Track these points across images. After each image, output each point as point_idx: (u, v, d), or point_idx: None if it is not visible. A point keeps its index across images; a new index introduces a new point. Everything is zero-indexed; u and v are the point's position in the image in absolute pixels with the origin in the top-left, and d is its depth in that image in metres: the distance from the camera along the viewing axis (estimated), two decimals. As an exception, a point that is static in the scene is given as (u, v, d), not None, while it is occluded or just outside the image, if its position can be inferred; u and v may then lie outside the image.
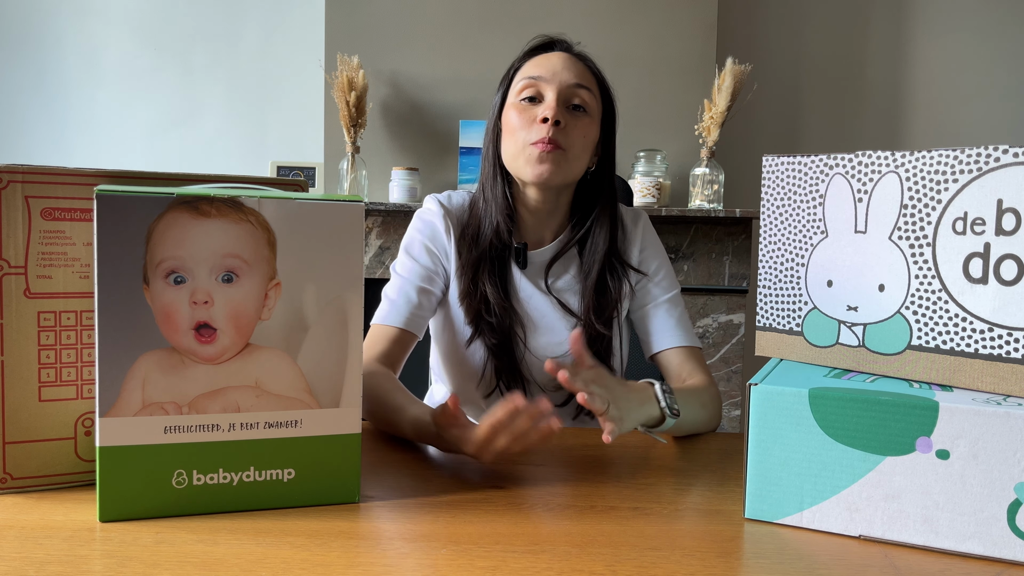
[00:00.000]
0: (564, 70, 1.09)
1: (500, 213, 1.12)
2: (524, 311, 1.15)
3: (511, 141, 1.10)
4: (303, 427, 0.70)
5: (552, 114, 1.05)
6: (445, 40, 2.59)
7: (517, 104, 1.10)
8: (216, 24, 2.88)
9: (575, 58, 1.12)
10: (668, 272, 1.20)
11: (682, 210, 2.37)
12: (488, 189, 1.14)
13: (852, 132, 2.89)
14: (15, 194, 0.70)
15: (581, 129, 1.08)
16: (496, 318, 1.11)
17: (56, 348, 0.72)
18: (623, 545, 0.65)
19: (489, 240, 1.12)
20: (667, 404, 0.91)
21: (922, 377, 0.71)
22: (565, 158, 1.07)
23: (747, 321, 2.50)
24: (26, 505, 0.69)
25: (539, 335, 1.15)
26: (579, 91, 1.09)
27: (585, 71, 1.11)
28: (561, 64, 1.09)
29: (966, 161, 0.67)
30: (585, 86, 1.09)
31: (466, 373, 1.16)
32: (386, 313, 1.11)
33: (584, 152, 1.10)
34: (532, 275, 1.16)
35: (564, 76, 1.08)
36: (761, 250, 0.82)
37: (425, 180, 2.59)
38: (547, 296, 1.15)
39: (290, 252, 0.68)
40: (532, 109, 1.08)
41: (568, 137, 1.07)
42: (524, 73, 1.11)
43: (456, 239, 1.14)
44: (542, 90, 1.09)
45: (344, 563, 0.60)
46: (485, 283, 1.11)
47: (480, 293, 1.11)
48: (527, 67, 1.12)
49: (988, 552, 0.63)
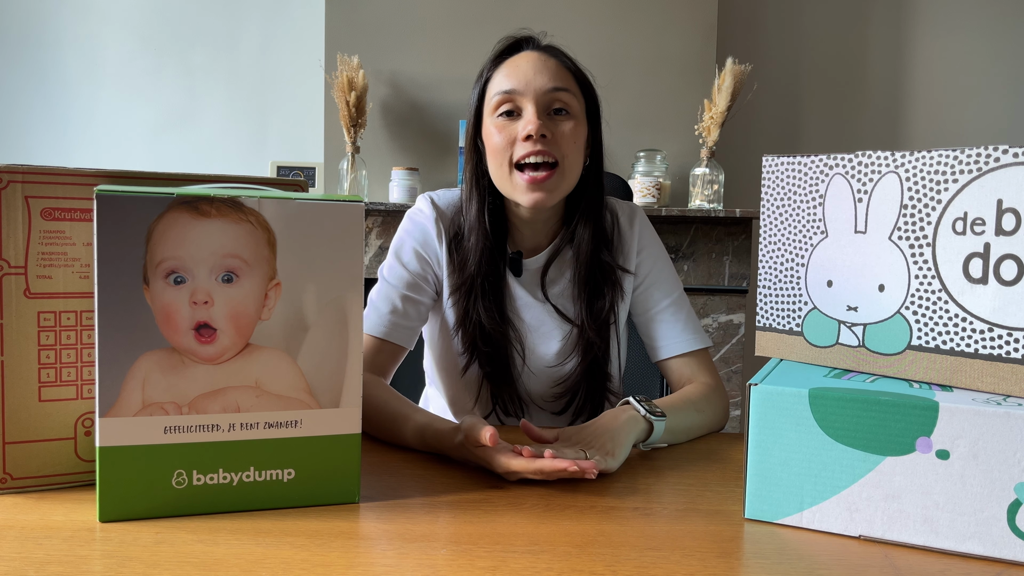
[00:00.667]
0: (537, 75, 1.03)
1: (483, 240, 1.08)
2: (520, 321, 1.12)
3: (496, 162, 1.05)
4: (303, 427, 0.70)
5: (534, 129, 1.00)
6: (445, 40, 2.59)
7: (495, 122, 1.05)
8: (216, 24, 2.88)
9: (546, 55, 1.06)
10: (670, 272, 1.16)
11: (682, 210, 2.37)
12: (472, 214, 1.09)
13: (852, 132, 2.89)
14: (15, 194, 0.70)
15: (569, 134, 1.03)
16: (492, 346, 1.08)
17: (56, 348, 0.72)
18: (623, 545, 0.65)
19: (476, 264, 1.08)
20: (647, 410, 0.90)
21: (922, 377, 0.71)
22: (560, 175, 1.03)
23: (747, 321, 2.50)
24: (26, 505, 0.69)
25: (537, 344, 1.13)
26: (557, 95, 1.04)
27: (559, 69, 1.05)
28: (532, 68, 1.04)
29: (966, 161, 0.67)
30: (562, 87, 1.04)
31: (461, 388, 1.15)
32: (370, 321, 1.08)
33: (577, 156, 1.06)
34: (527, 283, 1.13)
35: (538, 82, 1.03)
36: (761, 250, 0.82)
37: (425, 180, 2.59)
38: (543, 304, 1.13)
39: (290, 252, 0.68)
40: (511, 125, 1.03)
41: (558, 147, 1.03)
42: (496, 87, 1.05)
43: (448, 242, 1.11)
44: (519, 103, 1.03)
45: (344, 563, 0.60)
46: (479, 310, 1.08)
47: (473, 322, 1.08)
48: (498, 78, 1.06)
49: (988, 552, 0.63)
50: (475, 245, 1.08)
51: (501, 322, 1.09)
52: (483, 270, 1.08)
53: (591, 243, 1.10)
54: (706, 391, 1.06)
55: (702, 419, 1.01)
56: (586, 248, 1.10)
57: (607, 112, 1.14)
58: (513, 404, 1.13)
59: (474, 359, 1.10)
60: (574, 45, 1.18)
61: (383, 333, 1.07)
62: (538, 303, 1.13)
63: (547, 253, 1.13)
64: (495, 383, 1.11)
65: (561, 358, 1.13)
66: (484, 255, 1.08)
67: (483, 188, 1.09)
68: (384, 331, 1.07)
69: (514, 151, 1.03)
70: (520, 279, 1.13)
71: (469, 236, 1.09)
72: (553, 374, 1.14)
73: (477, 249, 1.08)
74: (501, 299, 1.11)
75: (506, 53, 1.08)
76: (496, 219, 1.10)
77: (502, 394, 1.12)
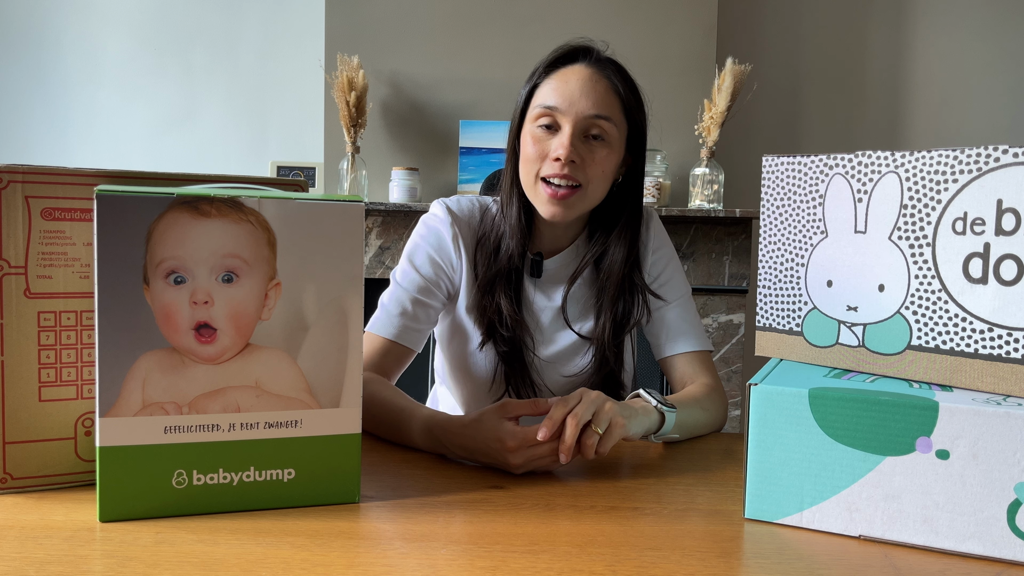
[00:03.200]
0: (582, 97, 1.03)
1: (517, 236, 1.09)
2: (535, 322, 1.14)
3: (525, 169, 1.06)
4: (303, 427, 0.70)
5: (564, 155, 1.01)
6: (445, 40, 2.59)
7: (533, 131, 1.05)
8: (216, 24, 2.88)
9: (598, 75, 1.05)
10: (680, 274, 1.19)
11: (682, 210, 2.37)
12: (507, 208, 1.11)
13: (852, 132, 2.89)
14: (15, 194, 0.70)
15: (599, 162, 1.04)
16: (508, 330, 1.10)
17: (56, 348, 0.72)
18: (623, 545, 0.65)
19: (507, 258, 1.10)
20: (659, 401, 0.92)
21: (922, 377, 0.71)
22: (582, 195, 1.05)
23: (747, 321, 2.50)
24: (26, 505, 0.69)
25: (549, 345, 1.14)
26: (598, 122, 1.03)
27: (606, 94, 1.04)
28: (579, 89, 1.03)
29: (966, 161, 0.67)
30: (604, 115, 1.03)
31: (476, 379, 1.15)
32: (379, 323, 1.08)
33: (603, 182, 1.06)
34: (545, 285, 1.14)
35: (581, 106, 1.02)
36: (761, 250, 0.82)
37: (425, 180, 2.60)
38: (557, 308, 1.14)
39: (290, 252, 0.68)
40: (547, 140, 1.04)
41: (584, 172, 1.03)
42: (541, 98, 1.05)
43: (466, 247, 1.11)
44: (558, 120, 1.04)
45: (344, 563, 0.60)
46: (501, 298, 1.09)
47: (495, 306, 1.09)
48: (545, 89, 1.05)
49: (988, 552, 0.63)
50: (511, 244, 1.09)
51: (517, 312, 1.10)
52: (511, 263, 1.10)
53: (624, 265, 1.11)
54: (708, 391, 1.07)
55: (706, 417, 1.02)
56: (618, 269, 1.11)
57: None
58: (526, 388, 1.14)
59: (491, 338, 1.11)
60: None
61: (392, 335, 1.07)
62: (552, 305, 1.14)
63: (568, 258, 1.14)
64: (509, 363, 1.12)
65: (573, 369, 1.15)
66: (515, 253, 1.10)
67: (516, 188, 1.10)
68: (393, 333, 1.07)
69: (542, 167, 1.04)
70: (538, 281, 1.14)
71: (504, 236, 1.10)
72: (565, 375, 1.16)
73: (512, 247, 1.09)
74: (519, 294, 1.12)
75: (560, 61, 1.07)
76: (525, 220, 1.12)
77: (515, 377, 1.12)
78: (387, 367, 1.07)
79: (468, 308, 1.13)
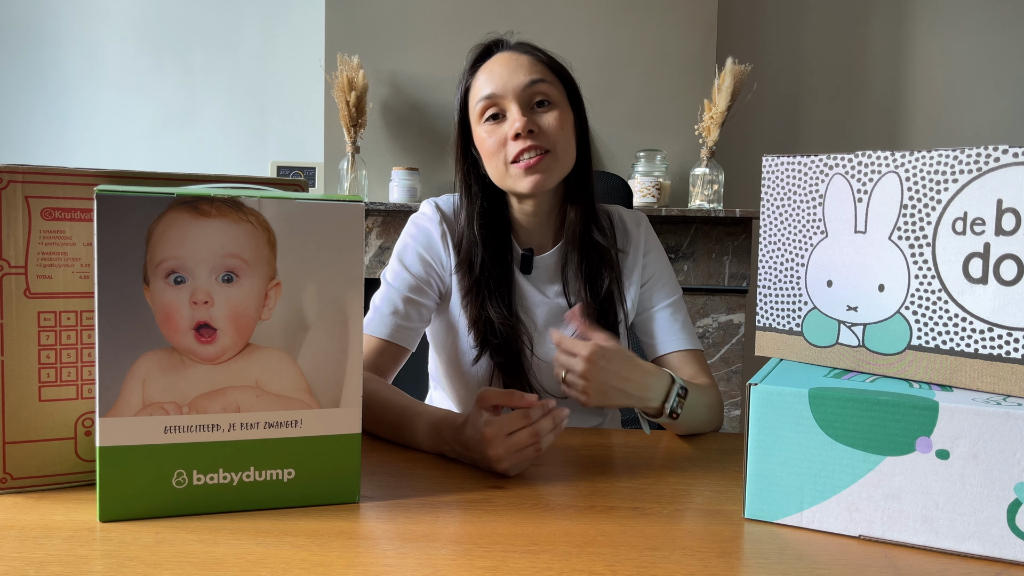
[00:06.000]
0: (513, 74, 1.06)
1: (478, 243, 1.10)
2: (530, 318, 1.14)
3: (492, 164, 1.07)
4: (303, 427, 0.70)
5: (521, 127, 1.03)
6: (445, 40, 2.59)
7: (484, 128, 1.07)
8: (216, 24, 2.88)
9: (518, 53, 1.09)
10: (672, 277, 1.20)
11: (682, 210, 2.37)
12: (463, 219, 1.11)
13: (852, 132, 2.89)
14: (15, 194, 0.70)
15: (555, 123, 1.05)
16: (501, 338, 1.09)
17: (56, 348, 0.72)
18: (623, 545, 0.65)
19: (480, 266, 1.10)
20: (672, 406, 0.92)
21: (922, 377, 0.71)
22: (553, 158, 1.06)
23: (747, 321, 2.50)
24: (26, 505, 0.69)
25: (546, 340, 1.14)
26: (536, 87, 1.05)
27: (533, 63, 1.07)
28: (507, 69, 1.06)
29: (966, 161, 0.67)
30: (539, 78, 1.06)
31: (472, 385, 1.15)
32: (372, 323, 1.09)
33: (568, 141, 1.08)
34: (537, 280, 1.15)
35: (515, 81, 1.05)
36: (761, 250, 0.82)
37: (425, 180, 2.59)
38: (552, 301, 1.14)
39: (290, 252, 0.68)
40: (499, 128, 1.06)
41: (547, 137, 1.05)
42: (477, 93, 1.08)
43: (454, 246, 1.12)
44: (502, 105, 1.06)
45: (344, 563, 0.60)
46: (488, 308, 1.09)
47: (484, 318, 1.09)
48: (477, 84, 1.08)
49: (988, 552, 0.63)
50: (471, 249, 1.10)
51: (510, 317, 1.10)
52: (488, 272, 1.10)
53: (580, 223, 1.12)
54: (708, 389, 1.07)
55: (708, 415, 1.03)
56: (576, 229, 1.12)
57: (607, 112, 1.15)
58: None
59: (485, 351, 1.11)
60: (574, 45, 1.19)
61: (385, 334, 1.07)
62: (547, 300, 1.14)
63: (557, 253, 1.14)
64: (506, 372, 1.12)
65: None
66: (484, 257, 1.10)
67: (473, 193, 1.12)
68: (386, 332, 1.08)
69: (507, 151, 1.05)
70: (530, 277, 1.14)
71: (466, 240, 1.11)
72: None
73: (477, 252, 1.10)
74: (510, 296, 1.12)
75: (480, 59, 1.11)
76: (498, 220, 1.12)
77: (513, 385, 1.12)
78: (383, 367, 1.07)
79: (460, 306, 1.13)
